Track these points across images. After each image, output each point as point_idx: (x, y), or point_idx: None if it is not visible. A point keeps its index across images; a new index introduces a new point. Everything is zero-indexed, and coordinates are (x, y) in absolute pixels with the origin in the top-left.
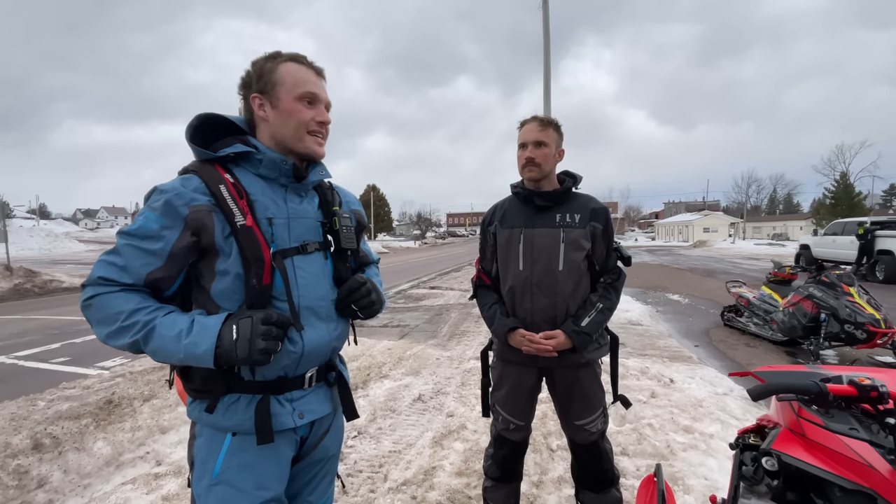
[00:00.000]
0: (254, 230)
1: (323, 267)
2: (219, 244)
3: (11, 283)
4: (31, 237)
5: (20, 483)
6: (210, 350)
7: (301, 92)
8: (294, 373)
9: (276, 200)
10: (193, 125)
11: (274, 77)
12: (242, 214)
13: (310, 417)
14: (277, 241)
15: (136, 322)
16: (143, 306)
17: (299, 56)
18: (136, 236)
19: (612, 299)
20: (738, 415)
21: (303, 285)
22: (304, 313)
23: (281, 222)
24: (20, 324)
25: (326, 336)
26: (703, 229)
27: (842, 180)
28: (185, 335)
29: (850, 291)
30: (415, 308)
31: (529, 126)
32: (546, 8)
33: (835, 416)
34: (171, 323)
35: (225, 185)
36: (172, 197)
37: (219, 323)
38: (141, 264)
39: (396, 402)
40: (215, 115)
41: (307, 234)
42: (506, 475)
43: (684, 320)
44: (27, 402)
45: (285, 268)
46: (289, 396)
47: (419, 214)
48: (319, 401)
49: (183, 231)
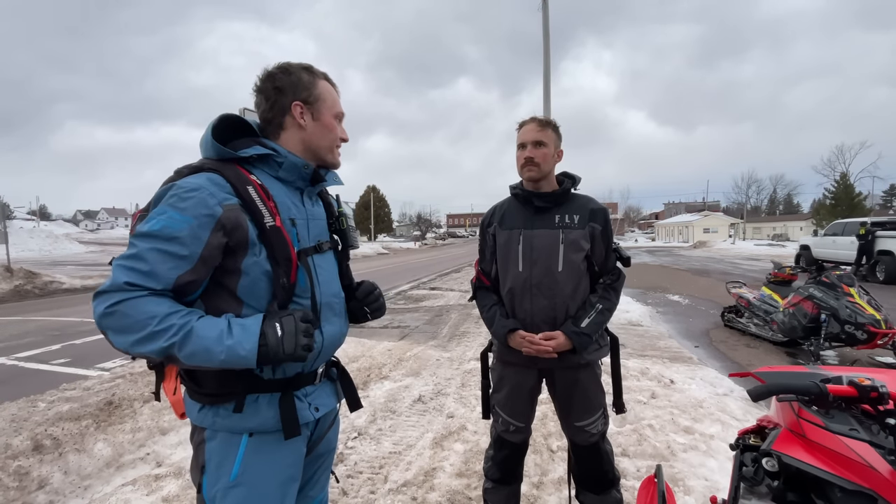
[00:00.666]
0: (282, 231)
1: (334, 265)
2: (252, 242)
3: (12, 285)
4: (31, 238)
5: (21, 484)
6: (254, 349)
7: (337, 111)
8: (310, 368)
9: (296, 202)
10: (215, 124)
11: (316, 92)
12: (271, 215)
13: (324, 410)
14: (300, 241)
15: (171, 325)
16: (176, 310)
17: (329, 77)
18: (159, 238)
19: (612, 300)
20: (739, 416)
21: (323, 283)
22: (323, 309)
23: (301, 223)
24: (20, 325)
25: (339, 331)
26: (703, 230)
27: (842, 181)
28: (226, 336)
29: (850, 292)
30: (415, 309)
31: (528, 126)
32: (546, 9)
33: (835, 417)
34: (210, 325)
35: (252, 186)
36: (206, 196)
37: (258, 322)
38: (169, 268)
39: (396, 403)
40: (233, 116)
41: (321, 234)
42: (506, 477)
43: (684, 321)
44: (28, 403)
45: (310, 266)
46: (304, 392)
47: (419, 215)
48: (327, 395)
49: (214, 231)
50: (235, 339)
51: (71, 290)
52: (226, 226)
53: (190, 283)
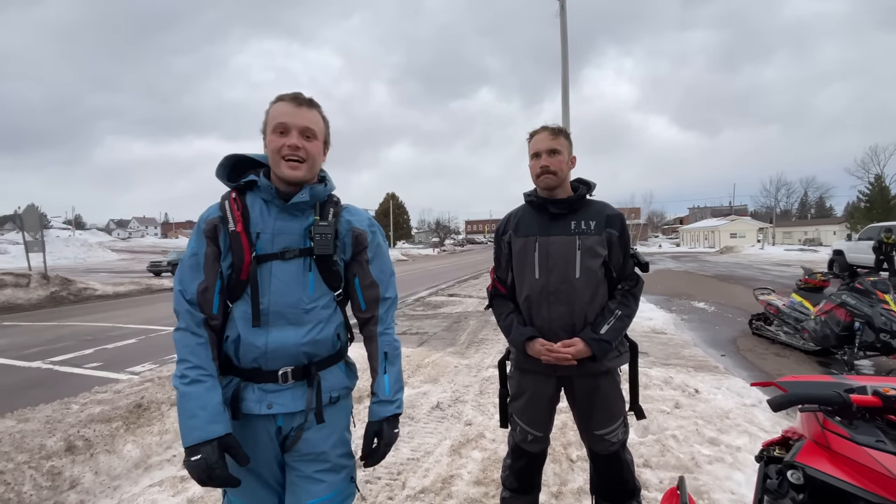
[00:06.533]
0: (241, 235)
1: (299, 275)
2: (221, 245)
3: (48, 291)
4: (66, 247)
5: (53, 484)
6: (188, 444)
7: (275, 124)
8: (266, 367)
9: (266, 218)
10: (224, 164)
11: (266, 119)
12: (234, 222)
13: (278, 409)
14: (260, 248)
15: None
16: (191, 365)
17: (283, 94)
18: (185, 259)
19: (631, 306)
20: (767, 427)
21: (275, 291)
22: (272, 316)
23: (266, 236)
24: (55, 330)
25: (293, 339)
26: (730, 235)
27: (877, 183)
28: (184, 417)
29: (885, 299)
30: (433, 315)
31: (541, 136)
32: (563, 15)
33: (860, 428)
34: (185, 401)
35: (228, 201)
36: (198, 221)
37: (191, 442)
38: (190, 279)
39: (415, 409)
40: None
41: (292, 244)
42: (524, 486)
43: (710, 329)
44: (61, 405)
45: (257, 274)
46: (264, 387)
47: (438, 222)
48: (294, 398)
49: (205, 241)
50: (182, 428)
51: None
52: (208, 234)
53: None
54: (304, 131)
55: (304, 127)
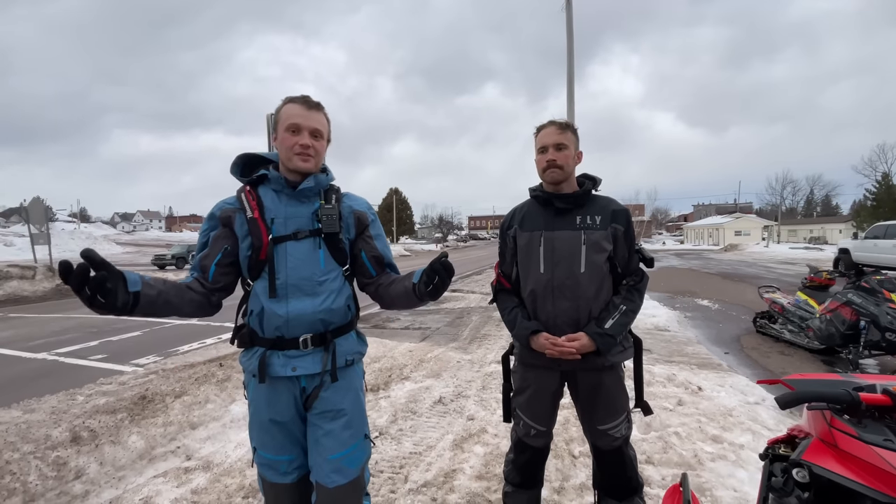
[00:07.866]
0: (258, 221)
1: (311, 252)
2: (239, 232)
3: (53, 283)
4: (72, 239)
5: (59, 474)
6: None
7: (287, 124)
8: (288, 335)
9: (278, 205)
10: (237, 162)
11: (277, 118)
12: (251, 210)
13: (301, 371)
14: (275, 231)
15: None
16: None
17: (293, 97)
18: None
19: (636, 301)
20: (771, 425)
21: (291, 267)
22: (290, 288)
23: (280, 221)
24: (61, 322)
25: (311, 308)
26: (734, 232)
27: (884, 181)
28: None
29: (891, 297)
30: (436, 311)
31: (548, 130)
32: (569, 9)
33: (868, 427)
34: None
35: (244, 193)
36: (213, 209)
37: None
38: (198, 256)
39: (417, 403)
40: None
41: (303, 227)
42: (526, 481)
43: (714, 326)
44: (67, 396)
45: (273, 252)
46: (289, 354)
47: (441, 217)
48: (314, 362)
49: (218, 223)
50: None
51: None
52: (222, 220)
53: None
54: (314, 132)
55: (313, 128)
